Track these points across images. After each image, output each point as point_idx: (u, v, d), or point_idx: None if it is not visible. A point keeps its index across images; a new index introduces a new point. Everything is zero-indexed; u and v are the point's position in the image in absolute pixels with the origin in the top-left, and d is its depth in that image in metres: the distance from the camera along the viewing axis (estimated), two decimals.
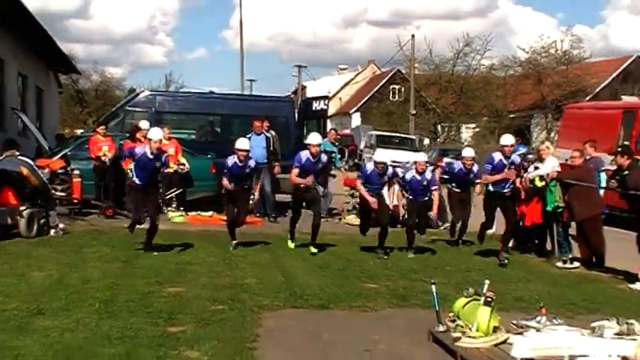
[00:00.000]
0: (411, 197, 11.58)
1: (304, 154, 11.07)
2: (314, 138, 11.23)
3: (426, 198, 11.51)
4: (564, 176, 11.13)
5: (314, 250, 10.93)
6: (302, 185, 11.03)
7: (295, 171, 10.98)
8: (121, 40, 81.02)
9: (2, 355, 5.67)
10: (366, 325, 7.23)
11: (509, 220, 11.07)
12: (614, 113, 18.26)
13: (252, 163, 11.24)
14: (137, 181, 10.17)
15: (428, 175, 11.34)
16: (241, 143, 11.17)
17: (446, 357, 6.42)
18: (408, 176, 11.48)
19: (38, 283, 8.16)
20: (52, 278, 8.47)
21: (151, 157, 10.11)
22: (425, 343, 6.73)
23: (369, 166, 11.43)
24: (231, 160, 11.00)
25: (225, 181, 11.11)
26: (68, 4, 65.77)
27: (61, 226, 11.80)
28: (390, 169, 11.58)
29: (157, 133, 10.46)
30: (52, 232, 11.59)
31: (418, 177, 11.24)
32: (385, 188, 12.11)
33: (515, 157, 11.14)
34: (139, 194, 10.33)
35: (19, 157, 11.79)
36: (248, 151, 11.14)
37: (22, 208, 11.13)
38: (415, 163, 11.52)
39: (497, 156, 10.97)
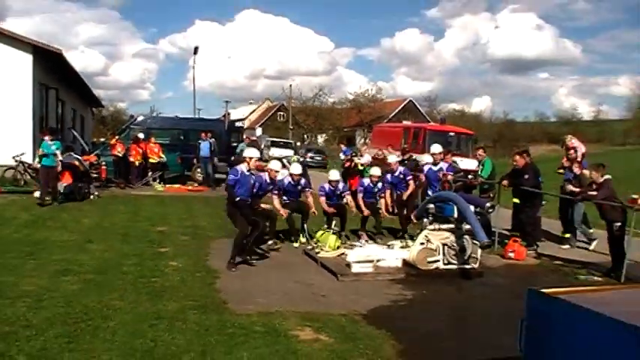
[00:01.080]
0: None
1: (286, 180, 11.95)
2: (296, 169, 12.03)
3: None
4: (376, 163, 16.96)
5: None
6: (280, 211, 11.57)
7: (275, 198, 11.66)
8: (125, 87, 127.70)
9: (70, 264, 9.10)
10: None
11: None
12: (399, 130, 29.70)
13: (303, 182, 12.15)
14: (242, 197, 9.93)
15: (302, 181, 12.17)
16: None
17: (311, 262, 10.40)
18: (286, 182, 12.01)
19: (87, 225, 12.88)
20: (93, 222, 13.26)
21: (247, 173, 10.02)
22: (300, 255, 10.91)
23: (286, 180, 12.04)
24: (287, 180, 11.98)
25: (276, 201, 11.70)
26: (96, 66, 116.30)
27: (96, 193, 17.89)
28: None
29: (253, 152, 10.49)
30: (92, 197, 17.57)
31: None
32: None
33: (443, 164, 13.48)
34: (246, 209, 10.00)
35: (73, 155, 18.10)
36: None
37: (75, 183, 16.97)
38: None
39: (427, 166, 13.47)
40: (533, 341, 4.71)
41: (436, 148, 13.79)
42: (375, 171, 13.23)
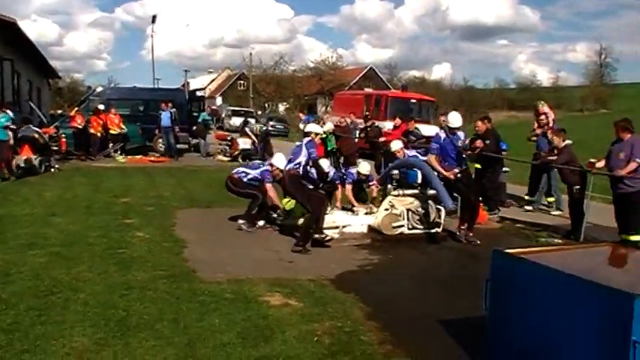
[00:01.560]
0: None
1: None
2: (314, 127, 11.21)
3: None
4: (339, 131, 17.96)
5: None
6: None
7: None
8: (81, 57, 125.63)
9: (36, 237, 9.02)
10: (233, 215, 11.02)
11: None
12: (360, 97, 30.10)
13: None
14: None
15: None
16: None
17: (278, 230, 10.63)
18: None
19: (49, 198, 12.79)
20: (56, 195, 13.15)
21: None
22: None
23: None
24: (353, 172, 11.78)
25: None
26: (50, 36, 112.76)
27: (56, 166, 17.83)
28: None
29: (316, 128, 10.71)
30: (52, 170, 17.42)
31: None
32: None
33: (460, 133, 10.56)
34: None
35: (31, 127, 17.75)
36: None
37: (34, 157, 16.63)
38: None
39: (442, 134, 10.56)
40: (497, 299, 4.89)
41: (455, 118, 10.72)
42: (364, 168, 12.16)
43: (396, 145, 11.52)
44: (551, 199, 13.42)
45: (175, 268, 7.72)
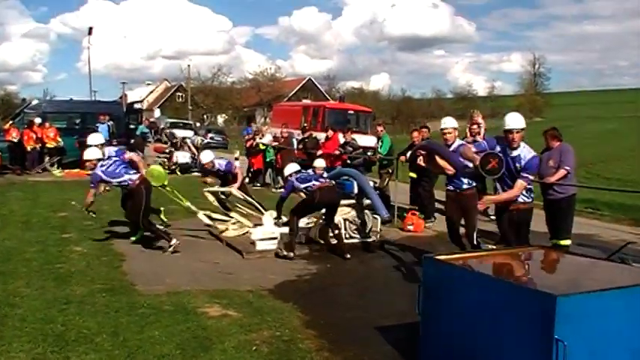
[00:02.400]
0: None
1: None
2: (319, 162, 10.95)
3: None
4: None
5: None
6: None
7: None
8: (15, 69, 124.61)
9: None
10: (174, 228, 11.17)
11: None
12: (298, 109, 29.48)
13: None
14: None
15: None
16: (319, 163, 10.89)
17: (216, 242, 10.54)
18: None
19: None
20: None
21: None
22: (206, 235, 11.01)
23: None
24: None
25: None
26: None
27: None
28: None
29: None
30: None
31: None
32: None
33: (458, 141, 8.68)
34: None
35: None
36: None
37: None
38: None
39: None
40: (428, 303, 5.12)
41: (449, 121, 8.82)
42: (319, 163, 11.14)
43: (319, 164, 11.00)
44: None
45: (114, 282, 7.72)
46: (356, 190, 10.86)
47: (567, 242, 9.60)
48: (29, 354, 5.31)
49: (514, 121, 7.36)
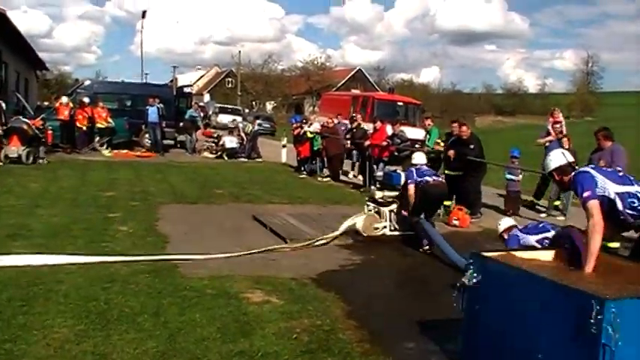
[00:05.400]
0: None
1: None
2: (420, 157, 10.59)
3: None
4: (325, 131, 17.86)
5: None
6: None
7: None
8: (70, 50, 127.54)
9: (19, 228, 9.07)
10: (217, 212, 11.49)
11: None
12: (347, 98, 30.26)
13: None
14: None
15: None
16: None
17: (260, 227, 10.61)
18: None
19: (34, 190, 12.75)
20: (41, 187, 13.14)
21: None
22: (250, 221, 11.06)
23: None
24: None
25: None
26: (40, 28, 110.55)
27: (44, 158, 17.71)
28: None
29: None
30: (40, 161, 17.38)
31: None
32: None
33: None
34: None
35: (21, 119, 17.80)
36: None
37: (23, 147, 16.68)
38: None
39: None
40: (472, 300, 4.99)
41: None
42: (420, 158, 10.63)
43: (420, 159, 10.53)
44: (557, 203, 13.49)
45: (157, 263, 7.75)
46: (402, 183, 10.71)
47: (616, 245, 9.35)
48: (72, 329, 5.35)
49: None
